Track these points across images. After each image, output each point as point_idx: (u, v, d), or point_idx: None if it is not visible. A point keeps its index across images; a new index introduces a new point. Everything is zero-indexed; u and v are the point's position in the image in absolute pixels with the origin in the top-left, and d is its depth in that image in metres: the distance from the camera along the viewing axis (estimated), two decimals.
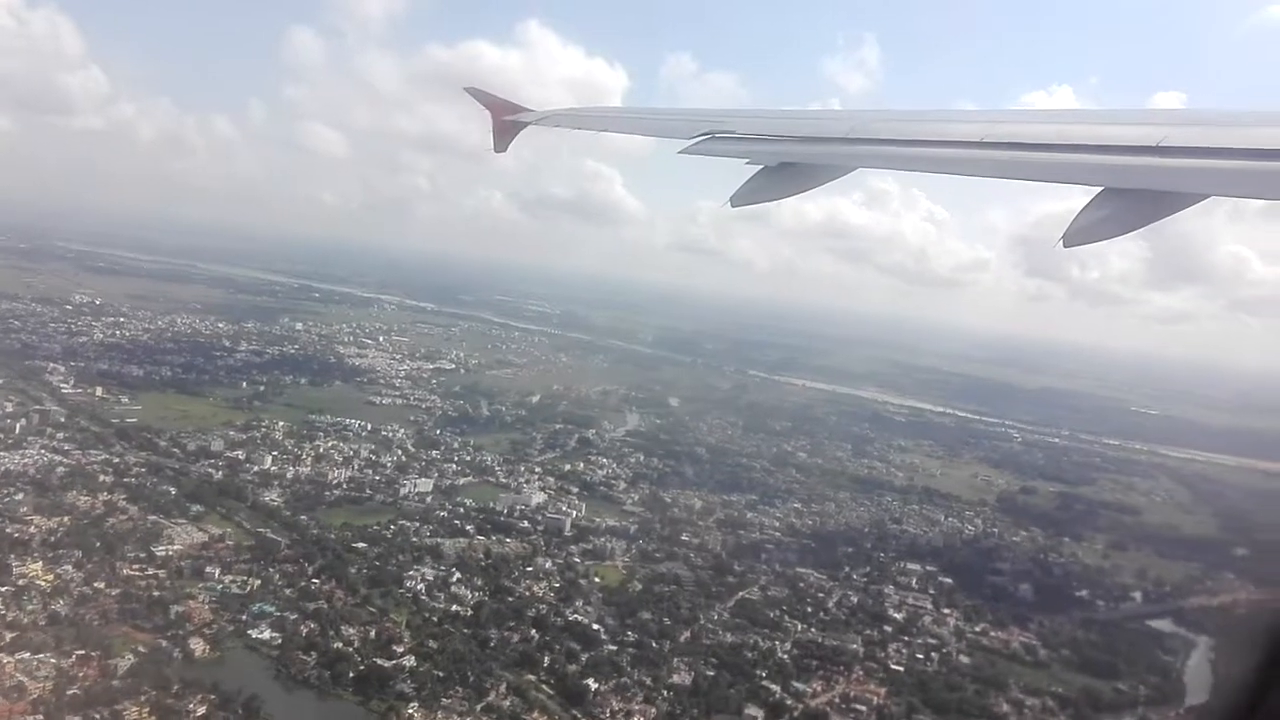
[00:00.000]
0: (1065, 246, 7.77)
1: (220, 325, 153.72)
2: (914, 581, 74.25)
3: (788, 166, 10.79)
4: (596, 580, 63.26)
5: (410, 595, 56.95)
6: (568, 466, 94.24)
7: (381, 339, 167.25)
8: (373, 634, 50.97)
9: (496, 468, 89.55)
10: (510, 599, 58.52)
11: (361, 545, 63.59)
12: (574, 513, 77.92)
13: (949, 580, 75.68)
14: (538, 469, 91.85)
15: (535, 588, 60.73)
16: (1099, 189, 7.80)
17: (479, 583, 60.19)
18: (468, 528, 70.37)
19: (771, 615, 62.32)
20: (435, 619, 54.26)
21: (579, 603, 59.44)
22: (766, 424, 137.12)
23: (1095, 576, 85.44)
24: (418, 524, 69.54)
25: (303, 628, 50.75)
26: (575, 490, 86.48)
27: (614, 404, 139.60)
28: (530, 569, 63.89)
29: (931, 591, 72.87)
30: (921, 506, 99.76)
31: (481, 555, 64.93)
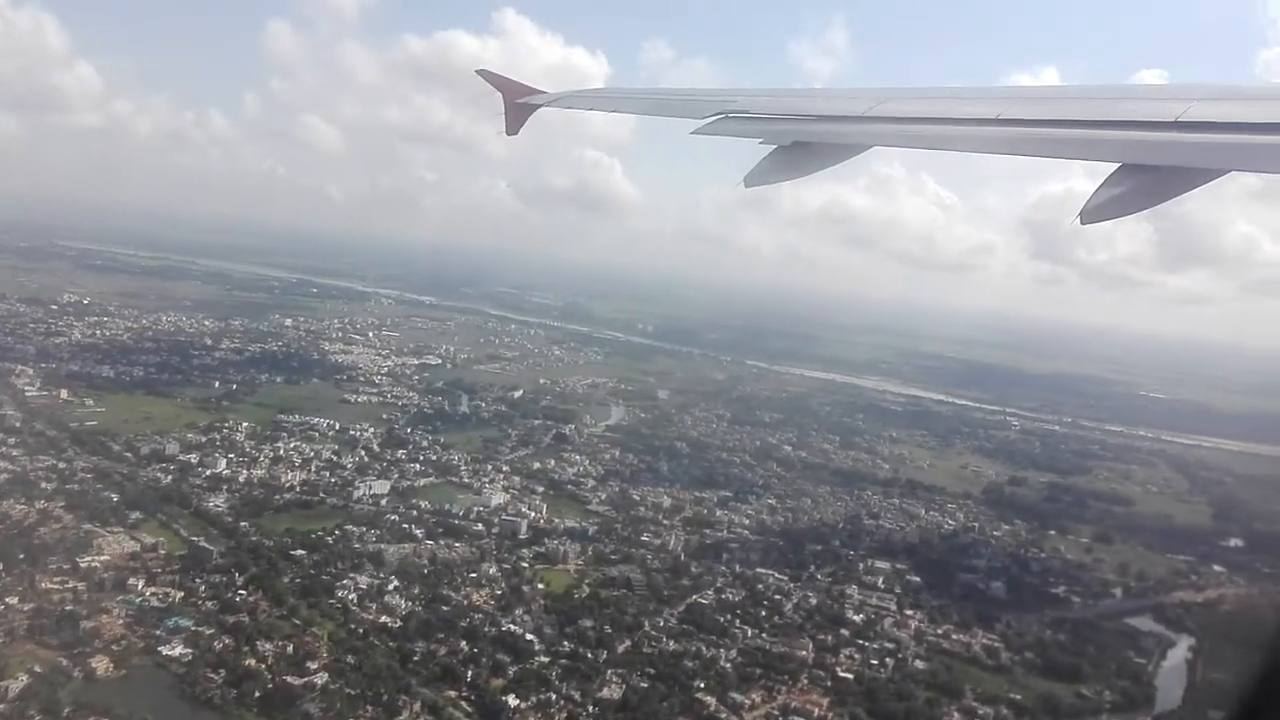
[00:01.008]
0: (1083, 223, 7.70)
1: (206, 323, 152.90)
2: (880, 581, 71.86)
3: (802, 146, 10.64)
4: (541, 586, 61.17)
5: (340, 606, 55.16)
6: (537, 464, 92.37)
7: (371, 334, 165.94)
8: (289, 649, 49.21)
9: (462, 467, 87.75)
10: (446, 608, 56.67)
11: (300, 553, 61.87)
12: (533, 514, 76.00)
13: (918, 579, 73.31)
14: (505, 468, 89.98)
15: (475, 595, 58.83)
16: (1116, 165, 7.66)
17: (416, 591, 58.38)
18: (417, 532, 68.63)
19: (722, 620, 60.12)
20: (361, 631, 52.46)
21: (519, 611, 57.47)
22: (755, 416, 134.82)
23: (1075, 572, 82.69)
24: (364, 529, 67.85)
25: (217, 643, 49.06)
26: (541, 489, 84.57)
27: (600, 397, 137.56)
28: (474, 575, 61.99)
29: (897, 591, 70.49)
30: (902, 500, 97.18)
31: (426, 562, 63.15)
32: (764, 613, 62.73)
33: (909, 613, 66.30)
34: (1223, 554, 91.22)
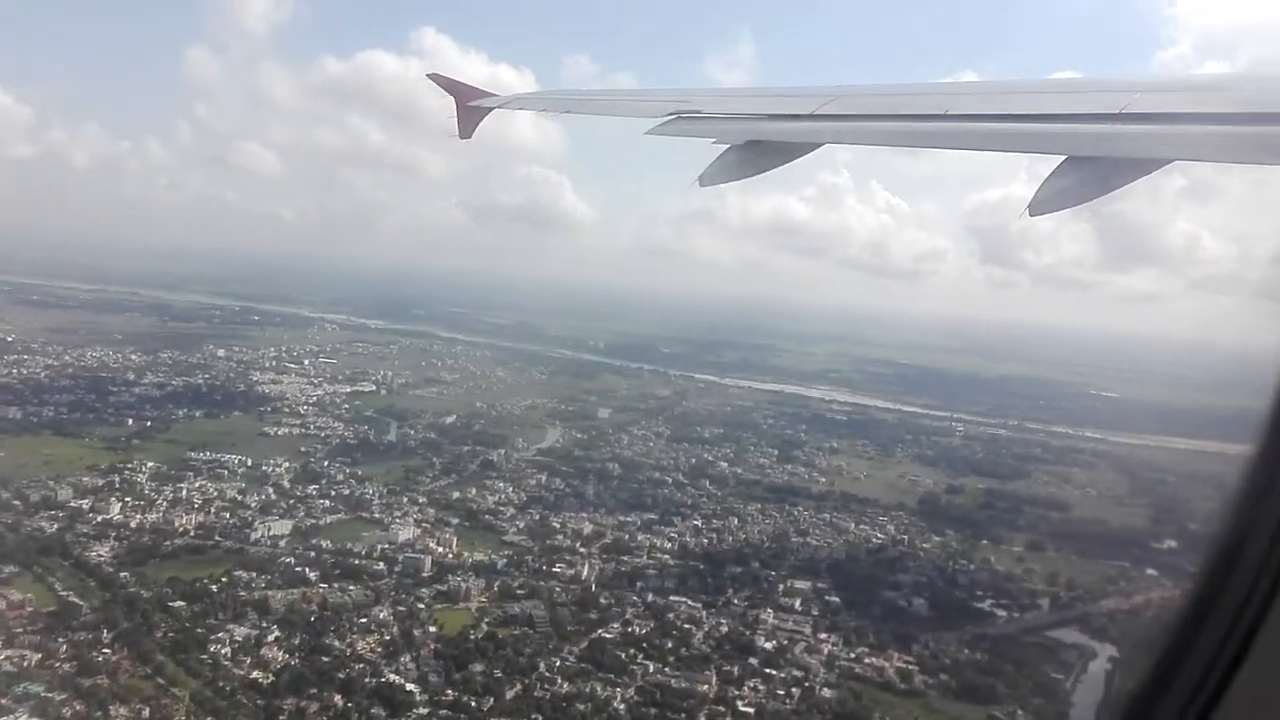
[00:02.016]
0: (1031, 215, 7.78)
1: (133, 357, 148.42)
2: (798, 603, 69.83)
3: (756, 144, 10.70)
4: (432, 630, 58.52)
5: (210, 662, 52.26)
6: (457, 494, 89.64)
7: (307, 362, 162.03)
8: (146, 713, 46.27)
9: (376, 501, 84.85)
10: (326, 659, 53.87)
11: (179, 604, 58.79)
12: (441, 549, 73.36)
13: (837, 599, 71.51)
14: (422, 499, 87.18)
15: (361, 643, 56.04)
16: (1062, 157, 7.74)
17: (297, 642, 55.52)
18: (311, 575, 65.58)
19: (623, 656, 57.80)
20: (228, 689, 49.59)
21: (405, 658, 54.79)
22: (695, 433, 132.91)
23: (1003, 584, 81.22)
24: (255, 574, 64.81)
25: (68, 710, 46.02)
26: (456, 521, 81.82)
27: (537, 419, 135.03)
28: (364, 620, 59.20)
29: (814, 613, 68.54)
30: (833, 515, 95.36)
31: (314, 608, 60.28)
32: (671, 644, 60.40)
33: (823, 636, 64.27)
34: (1155, 557, 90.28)
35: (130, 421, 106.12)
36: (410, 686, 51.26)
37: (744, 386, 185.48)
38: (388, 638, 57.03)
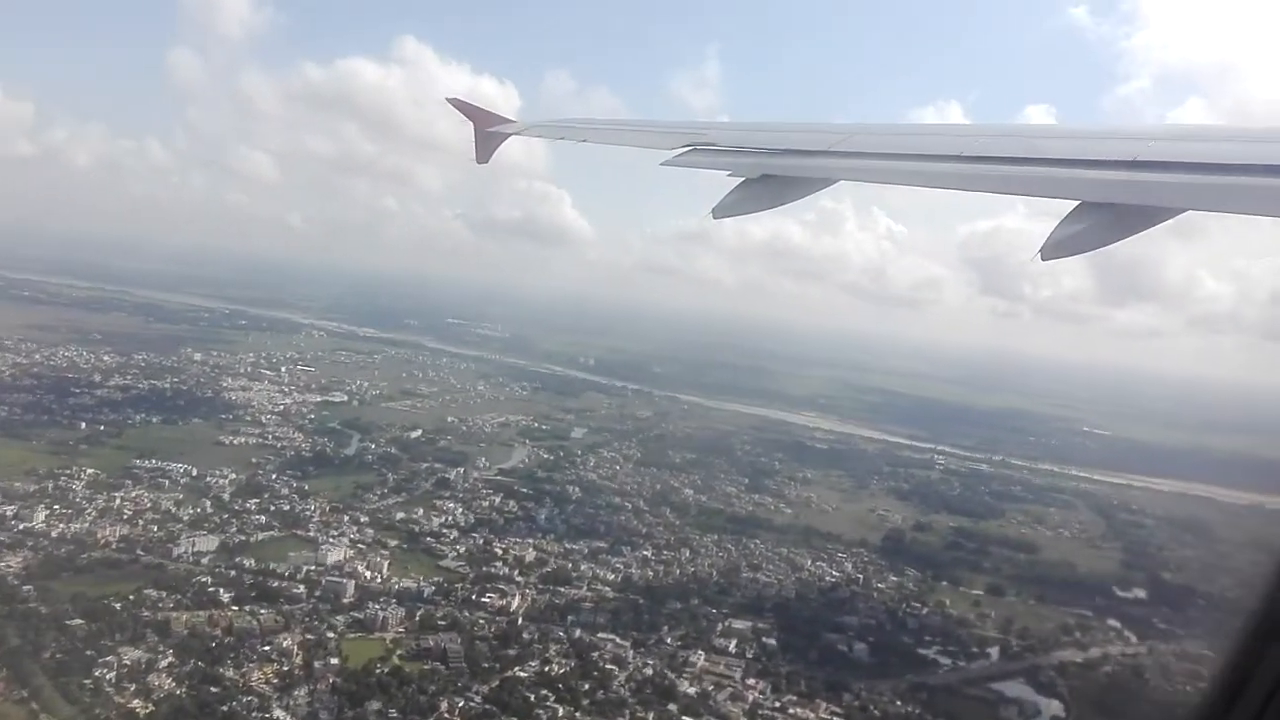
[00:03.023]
0: (1044, 259, 7.89)
1: (106, 358, 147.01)
2: (733, 645, 67.33)
3: (770, 179, 10.79)
4: (334, 662, 56.14)
5: (92, 687, 50.06)
6: (402, 514, 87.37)
7: (284, 369, 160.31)
8: None
9: (315, 518, 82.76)
10: (215, 690, 51.61)
11: (77, 622, 56.65)
12: (370, 573, 71.11)
13: (775, 641, 68.96)
14: (364, 518, 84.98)
15: (258, 673, 53.76)
16: (1076, 202, 7.91)
17: (189, 669, 53.27)
18: (224, 596, 63.41)
19: (533, 698, 55.28)
20: (103, 718, 47.40)
21: (300, 692, 52.48)
22: (667, 457, 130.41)
23: (954, 629, 78.46)
24: (165, 593, 62.66)
25: None
26: (395, 543, 79.69)
27: (507, 437, 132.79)
28: (268, 648, 56.93)
29: (749, 656, 66.00)
30: (791, 549, 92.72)
31: (219, 631, 58.06)
32: (588, 686, 57.91)
33: (751, 682, 61.77)
34: (1121, 607, 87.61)
35: (84, 425, 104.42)
36: None
37: (729, 410, 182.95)
38: (287, 668, 54.72)
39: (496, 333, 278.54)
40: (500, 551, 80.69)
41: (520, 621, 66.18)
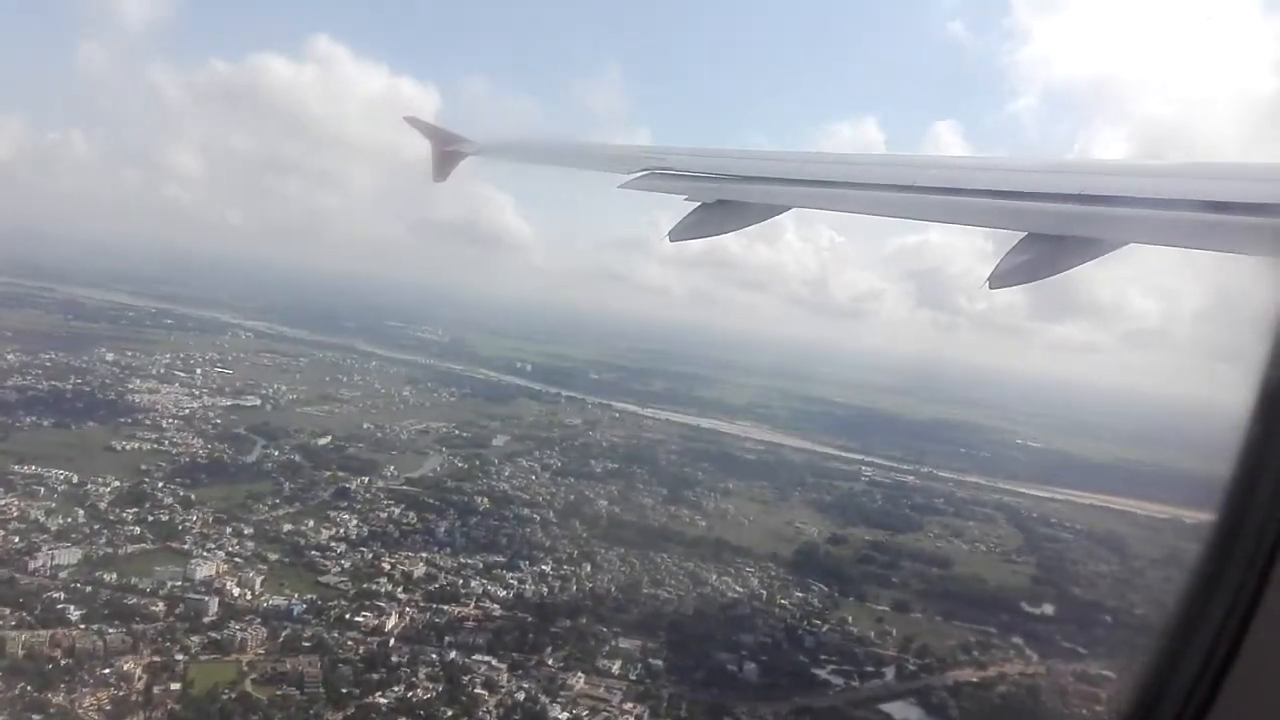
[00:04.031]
0: (991, 288, 8.39)
1: (10, 357, 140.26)
2: (617, 666, 65.15)
3: (726, 204, 11.38)
4: (175, 688, 52.93)
5: None
6: (289, 526, 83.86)
7: (199, 371, 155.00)
8: None
9: (194, 530, 78.97)
10: (37, 718, 48.22)
11: None
12: (240, 589, 67.74)
13: (661, 662, 66.89)
14: (248, 530, 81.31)
15: (90, 698, 50.41)
16: (1023, 234, 8.32)
17: (16, 693, 49.78)
18: (74, 614, 59.78)
19: None
20: None
21: None
22: (588, 467, 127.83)
23: (853, 648, 77.03)
24: (10, 610, 58.89)
25: None
26: (275, 557, 76.21)
27: (423, 445, 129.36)
28: (108, 670, 53.56)
29: (631, 678, 63.89)
30: (697, 564, 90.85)
31: (58, 653, 54.54)
32: (452, 713, 55.37)
33: (629, 706, 59.64)
34: (1026, 623, 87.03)
35: None
36: None
37: (661, 418, 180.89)
38: (123, 694, 51.33)
39: (436, 336, 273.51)
40: (388, 567, 77.54)
41: (392, 643, 63.26)
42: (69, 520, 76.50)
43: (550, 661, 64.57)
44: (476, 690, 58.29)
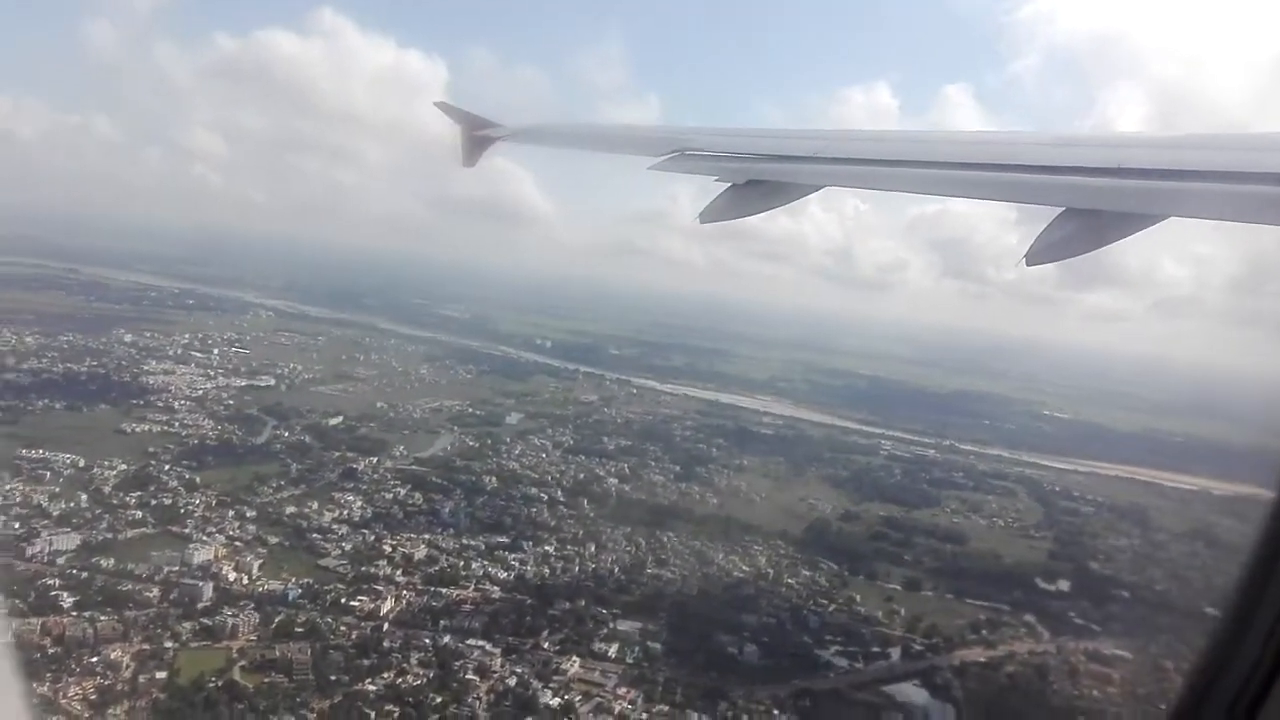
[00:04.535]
0: (1028, 265, 8.13)
1: (29, 339, 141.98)
2: (614, 649, 64.23)
3: (756, 184, 11.12)
4: (161, 676, 52.60)
5: None
6: (293, 508, 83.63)
7: (216, 352, 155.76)
8: None
9: (196, 513, 78.95)
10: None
11: None
12: (237, 574, 67.50)
13: (660, 645, 65.91)
14: (251, 513, 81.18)
15: (75, 688, 50.26)
16: (1060, 209, 8.12)
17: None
18: (68, 600, 59.80)
19: (373, 716, 52.06)
20: None
21: (116, 709, 49.02)
22: (600, 444, 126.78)
23: (859, 628, 75.51)
24: (3, 598, 58.90)
25: None
26: (275, 540, 75.95)
27: (436, 424, 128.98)
28: (95, 659, 53.43)
29: (628, 661, 62.97)
30: (704, 542, 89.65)
31: (47, 641, 54.51)
32: (440, 700, 54.68)
33: (623, 691, 58.73)
34: (1041, 601, 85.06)
35: None
36: None
37: (679, 394, 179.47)
38: (107, 683, 51.14)
39: (458, 313, 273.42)
40: (389, 549, 77.10)
41: (386, 627, 62.72)
42: (71, 505, 76.66)
43: (546, 645, 63.72)
44: (468, 676, 57.57)
